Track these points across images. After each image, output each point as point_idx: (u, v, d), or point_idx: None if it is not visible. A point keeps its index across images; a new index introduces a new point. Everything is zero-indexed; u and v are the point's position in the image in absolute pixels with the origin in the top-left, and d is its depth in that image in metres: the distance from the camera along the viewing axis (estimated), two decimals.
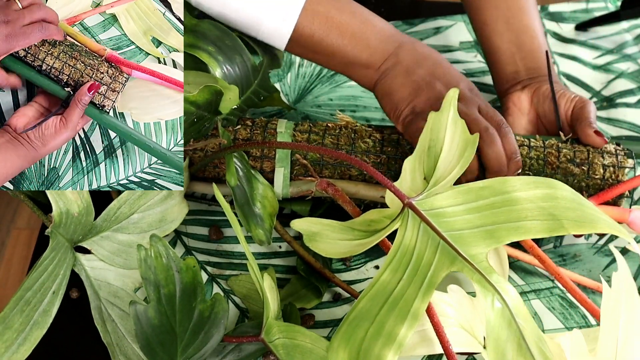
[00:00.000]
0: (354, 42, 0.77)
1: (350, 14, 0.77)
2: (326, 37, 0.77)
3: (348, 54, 0.77)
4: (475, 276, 0.55)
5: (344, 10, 0.77)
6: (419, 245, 0.59)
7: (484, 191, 0.60)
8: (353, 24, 0.77)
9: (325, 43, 0.77)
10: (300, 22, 0.76)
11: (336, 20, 0.77)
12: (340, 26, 0.77)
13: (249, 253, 0.64)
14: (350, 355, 0.56)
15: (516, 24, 0.87)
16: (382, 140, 0.79)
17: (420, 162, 0.65)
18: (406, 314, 0.55)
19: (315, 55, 0.79)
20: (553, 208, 0.58)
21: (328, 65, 0.80)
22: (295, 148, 0.74)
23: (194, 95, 0.70)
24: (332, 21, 0.77)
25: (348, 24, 0.77)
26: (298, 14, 0.76)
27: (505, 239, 0.57)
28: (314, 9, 0.76)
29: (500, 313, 0.54)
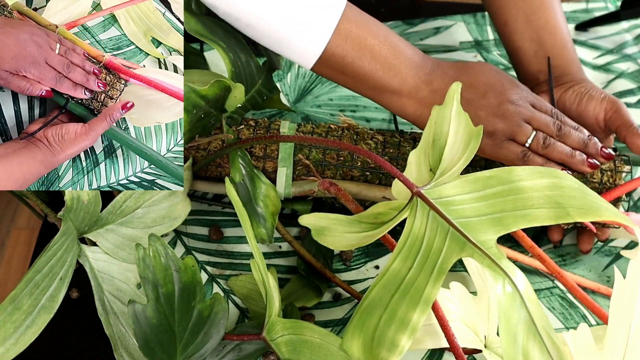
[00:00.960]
0: (386, 68, 0.74)
1: (383, 39, 0.74)
2: (358, 60, 0.74)
3: (379, 79, 0.74)
4: (486, 261, 0.56)
5: (377, 34, 0.74)
6: (429, 233, 0.59)
7: (491, 180, 0.61)
8: (384, 49, 0.74)
9: (357, 65, 0.74)
10: (332, 42, 0.72)
11: (369, 43, 0.74)
12: (373, 50, 0.74)
13: (255, 247, 0.64)
14: (365, 341, 0.57)
15: (536, 21, 0.85)
16: (384, 142, 0.80)
17: (425, 155, 0.66)
18: (418, 300, 0.56)
19: (343, 78, 0.76)
20: (559, 196, 0.59)
21: (355, 89, 0.77)
22: (300, 141, 0.74)
23: (204, 89, 0.70)
24: (365, 44, 0.73)
25: (380, 49, 0.74)
26: (330, 33, 0.72)
27: (513, 226, 0.58)
28: (348, 30, 0.73)
29: (511, 297, 0.54)
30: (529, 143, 0.73)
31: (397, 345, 0.56)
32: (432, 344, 0.65)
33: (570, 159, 0.74)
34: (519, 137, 0.73)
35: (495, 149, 0.73)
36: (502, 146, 0.73)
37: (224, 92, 0.73)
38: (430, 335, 0.65)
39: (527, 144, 0.73)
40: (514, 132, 0.73)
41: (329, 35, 0.72)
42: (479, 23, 1.09)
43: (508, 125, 0.73)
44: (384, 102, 0.77)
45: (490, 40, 1.07)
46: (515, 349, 0.54)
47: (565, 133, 0.74)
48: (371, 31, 0.73)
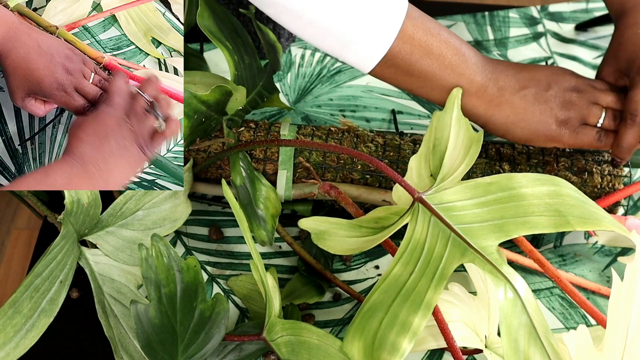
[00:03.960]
0: (452, 66, 0.72)
1: (446, 38, 0.73)
2: (424, 58, 0.71)
3: (447, 78, 0.72)
4: (487, 267, 0.56)
5: (439, 34, 0.72)
6: (430, 239, 0.60)
7: (492, 187, 0.61)
8: (449, 48, 0.72)
9: (424, 63, 0.71)
10: (399, 39, 0.70)
11: (434, 42, 0.71)
12: (439, 49, 0.72)
13: (254, 250, 0.64)
14: (366, 344, 0.57)
15: None
16: (384, 145, 0.80)
17: (425, 160, 0.66)
18: (419, 304, 0.56)
19: (408, 79, 0.73)
20: (559, 205, 0.60)
21: (421, 90, 0.74)
22: (300, 145, 0.75)
23: (205, 95, 0.70)
24: (430, 43, 0.71)
25: (445, 48, 0.72)
26: (398, 30, 0.70)
27: (514, 233, 0.59)
28: (412, 28, 0.71)
29: (512, 302, 0.55)
30: (601, 123, 0.74)
31: (399, 349, 0.57)
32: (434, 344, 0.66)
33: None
34: (591, 119, 0.74)
35: (573, 136, 0.74)
36: (579, 132, 0.73)
37: (225, 97, 0.73)
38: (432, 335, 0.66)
39: (599, 124, 0.74)
40: (585, 115, 0.73)
41: (395, 31, 0.70)
42: (479, 23, 1.09)
43: (579, 111, 0.73)
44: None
45: (490, 40, 1.07)
46: (517, 354, 0.54)
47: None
48: (434, 30, 0.72)
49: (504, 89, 0.73)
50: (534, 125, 0.73)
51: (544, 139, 0.74)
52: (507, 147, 0.81)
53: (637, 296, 0.59)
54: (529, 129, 0.73)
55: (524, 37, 1.08)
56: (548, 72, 0.75)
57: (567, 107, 0.73)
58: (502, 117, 0.73)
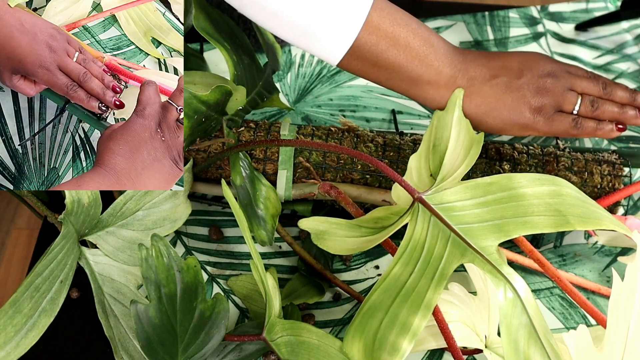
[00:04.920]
0: (420, 57, 0.71)
1: (415, 28, 0.71)
2: (391, 49, 0.70)
3: (415, 69, 0.71)
4: (487, 267, 0.56)
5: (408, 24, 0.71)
6: (430, 239, 0.60)
7: (492, 187, 0.61)
8: (417, 38, 0.71)
9: (390, 54, 0.70)
10: (364, 30, 0.69)
11: (401, 32, 0.70)
12: (406, 39, 0.70)
13: (254, 250, 0.64)
14: (366, 344, 0.57)
15: None
16: (384, 145, 0.80)
17: (425, 160, 0.66)
18: (419, 304, 0.56)
19: (375, 70, 0.72)
20: (559, 204, 0.60)
21: (388, 82, 0.73)
22: (300, 145, 0.75)
23: (205, 95, 0.70)
24: (397, 33, 0.70)
25: (413, 38, 0.71)
26: (363, 21, 0.68)
27: (514, 233, 0.59)
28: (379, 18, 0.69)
29: (512, 302, 0.55)
30: (577, 110, 0.72)
31: (399, 349, 0.57)
32: (434, 344, 0.66)
33: (623, 115, 0.73)
34: (566, 106, 0.72)
35: (548, 123, 0.72)
36: (554, 119, 0.72)
37: (225, 97, 0.73)
38: (432, 335, 0.66)
39: (575, 110, 0.72)
40: (560, 102, 0.72)
41: (361, 22, 0.68)
42: (479, 23, 1.09)
43: (553, 97, 0.72)
44: (420, 95, 0.73)
45: (490, 40, 1.07)
46: (517, 354, 0.54)
47: (611, 91, 0.74)
48: (402, 20, 0.71)
49: (474, 79, 0.72)
50: (505, 113, 0.71)
51: (518, 127, 0.72)
52: (507, 147, 0.81)
53: (638, 296, 0.59)
54: (501, 118, 0.71)
55: (524, 37, 1.08)
56: (521, 59, 0.73)
57: (541, 93, 0.72)
58: (473, 108, 0.71)
